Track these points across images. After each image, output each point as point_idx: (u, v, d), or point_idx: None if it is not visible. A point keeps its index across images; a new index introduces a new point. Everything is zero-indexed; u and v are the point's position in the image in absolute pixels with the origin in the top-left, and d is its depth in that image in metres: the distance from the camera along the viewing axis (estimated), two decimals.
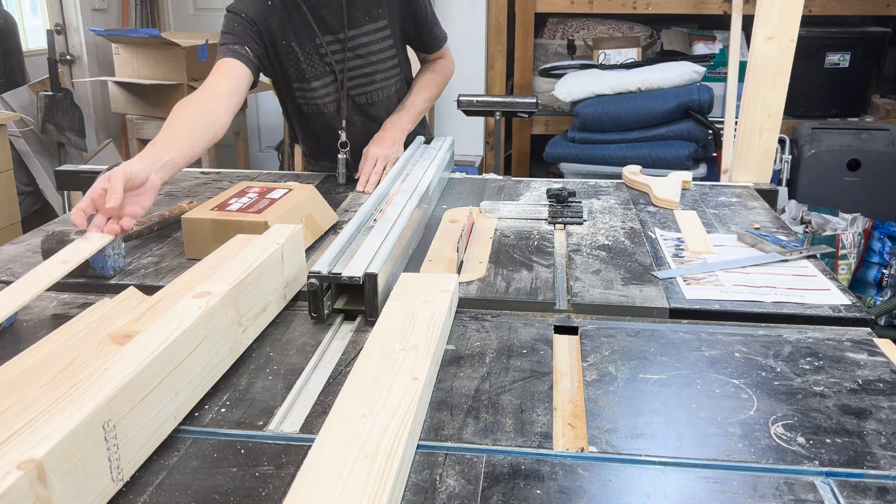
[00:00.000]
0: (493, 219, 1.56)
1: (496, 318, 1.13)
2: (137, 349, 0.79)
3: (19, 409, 0.68)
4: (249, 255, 1.07)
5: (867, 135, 3.64)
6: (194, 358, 0.86)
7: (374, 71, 1.84)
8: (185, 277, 1.01)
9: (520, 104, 2.69)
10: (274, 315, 1.12)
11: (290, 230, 1.18)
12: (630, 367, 0.98)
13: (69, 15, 4.31)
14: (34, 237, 1.45)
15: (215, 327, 0.92)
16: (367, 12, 1.78)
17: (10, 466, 0.60)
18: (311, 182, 1.82)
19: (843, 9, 3.81)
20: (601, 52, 4.00)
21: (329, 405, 0.89)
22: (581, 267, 1.29)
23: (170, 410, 0.82)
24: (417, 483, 0.74)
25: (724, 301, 1.16)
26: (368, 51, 1.81)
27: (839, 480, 0.76)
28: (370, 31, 1.80)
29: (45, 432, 0.64)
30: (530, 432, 0.83)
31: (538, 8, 3.98)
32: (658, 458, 0.79)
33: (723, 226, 1.51)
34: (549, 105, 4.06)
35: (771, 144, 1.81)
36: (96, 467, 0.69)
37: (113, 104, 4.24)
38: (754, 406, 0.89)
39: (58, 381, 0.73)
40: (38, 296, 1.22)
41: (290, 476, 0.75)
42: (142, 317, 0.88)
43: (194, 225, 1.32)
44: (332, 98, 1.84)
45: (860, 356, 1.01)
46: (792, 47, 1.73)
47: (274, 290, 1.11)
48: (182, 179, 1.88)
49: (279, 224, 1.22)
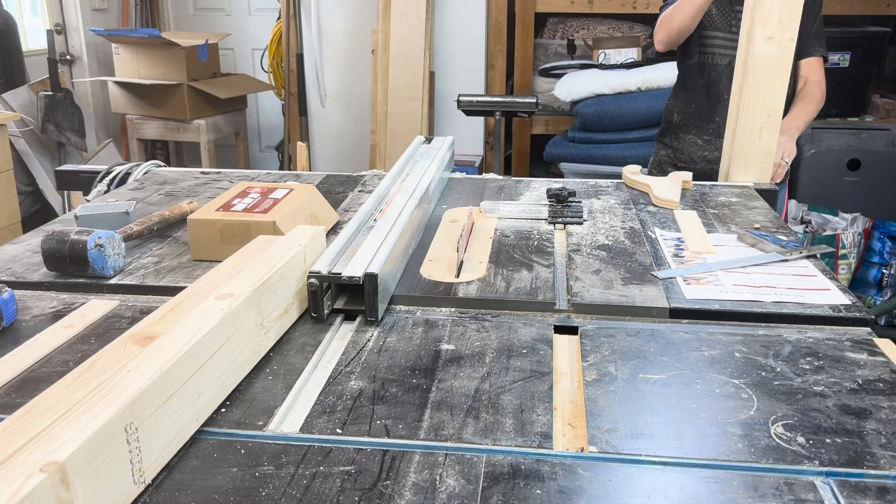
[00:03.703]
0: (493, 219, 1.56)
1: (496, 318, 1.13)
2: (160, 351, 0.79)
3: (41, 411, 0.68)
4: (272, 257, 1.07)
5: (867, 135, 3.64)
6: (217, 360, 0.86)
7: None
8: (208, 278, 1.00)
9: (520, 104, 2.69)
10: (295, 318, 1.11)
11: (312, 232, 1.18)
12: (630, 367, 0.98)
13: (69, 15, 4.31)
14: (34, 237, 1.45)
15: (238, 329, 0.92)
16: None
17: (33, 469, 0.60)
18: (311, 182, 1.82)
19: (843, 9, 3.81)
20: (601, 51, 4.00)
21: (329, 405, 0.89)
22: (581, 267, 1.29)
23: (192, 413, 0.82)
24: (417, 483, 0.74)
25: (724, 301, 1.16)
26: None
27: (839, 480, 0.76)
28: None
29: (68, 435, 0.64)
30: (530, 432, 0.83)
31: (538, 8, 3.98)
32: (658, 458, 0.79)
33: (723, 226, 1.51)
34: (549, 105, 4.06)
35: (771, 144, 1.81)
36: (118, 470, 0.69)
37: (113, 104, 4.24)
38: (754, 406, 0.89)
39: (80, 383, 0.73)
40: (38, 295, 1.22)
41: (290, 476, 0.75)
42: (164, 318, 0.88)
43: (201, 226, 1.32)
44: (728, 54, 1.96)
45: (860, 356, 1.01)
46: (792, 47, 1.73)
47: (296, 293, 1.11)
48: (182, 179, 1.89)
49: (286, 224, 1.22)
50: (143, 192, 1.77)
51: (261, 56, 4.68)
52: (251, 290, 0.96)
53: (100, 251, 1.23)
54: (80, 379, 0.74)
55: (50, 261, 1.25)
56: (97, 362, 0.77)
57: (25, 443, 0.63)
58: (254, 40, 4.90)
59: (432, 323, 1.11)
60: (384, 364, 0.98)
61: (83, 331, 1.09)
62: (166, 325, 0.86)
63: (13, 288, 1.15)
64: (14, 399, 0.90)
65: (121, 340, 0.82)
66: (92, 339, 1.06)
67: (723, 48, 2.09)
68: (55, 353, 1.02)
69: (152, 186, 1.82)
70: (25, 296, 1.21)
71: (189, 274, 1.27)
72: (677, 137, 2.20)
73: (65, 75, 4.21)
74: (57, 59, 3.85)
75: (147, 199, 1.70)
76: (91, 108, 4.36)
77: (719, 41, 2.07)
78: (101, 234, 1.25)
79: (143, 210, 1.60)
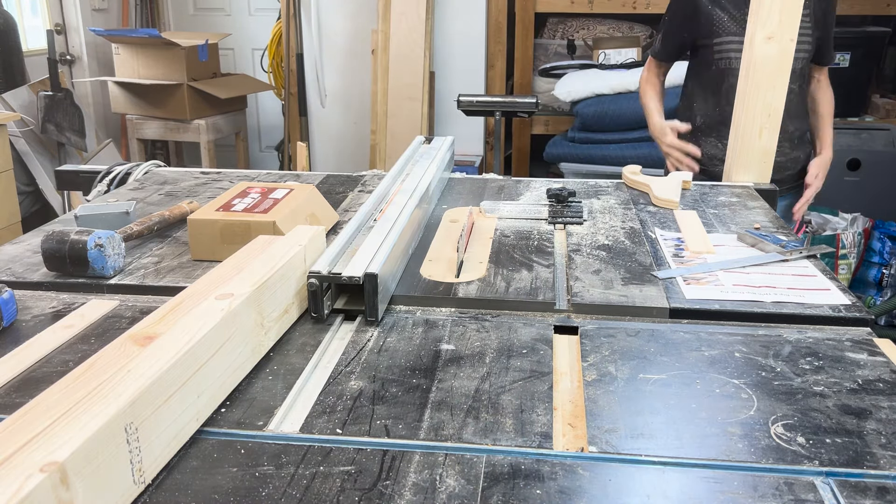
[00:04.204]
0: (493, 219, 1.56)
1: (496, 318, 1.13)
2: (160, 351, 0.79)
3: (41, 411, 0.68)
4: (272, 257, 1.07)
5: (867, 135, 3.64)
6: (217, 360, 0.86)
7: None
8: (208, 278, 1.01)
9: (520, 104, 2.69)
10: (295, 318, 1.11)
11: (312, 232, 1.18)
12: (630, 367, 0.98)
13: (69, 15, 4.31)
14: (34, 237, 1.45)
15: (238, 329, 0.92)
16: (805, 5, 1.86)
17: (33, 469, 0.60)
18: (311, 182, 1.82)
19: (843, 9, 3.80)
20: (601, 51, 4.00)
21: (329, 405, 0.89)
22: (581, 267, 1.29)
23: (192, 413, 0.82)
24: (417, 483, 0.74)
25: (724, 301, 1.16)
26: None
27: (839, 480, 0.76)
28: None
29: (68, 435, 0.64)
30: (530, 432, 0.83)
31: (538, 8, 3.98)
32: (658, 458, 0.79)
33: (723, 226, 1.51)
34: (549, 105, 4.06)
35: (771, 144, 1.81)
36: (118, 470, 0.69)
37: (113, 104, 4.24)
38: (754, 406, 0.89)
39: (80, 383, 0.73)
40: (38, 295, 1.22)
41: (290, 476, 0.76)
42: (164, 318, 0.88)
43: (201, 226, 1.32)
44: None
45: (860, 356, 1.01)
46: (792, 47, 1.73)
47: (296, 293, 1.11)
48: (182, 179, 1.89)
49: (286, 224, 1.22)
50: (143, 192, 1.77)
51: (261, 56, 4.69)
52: (251, 290, 0.96)
53: (100, 251, 1.23)
54: (80, 379, 0.74)
55: (50, 261, 1.25)
56: (97, 362, 0.77)
57: (25, 443, 0.63)
58: (254, 40, 4.90)
59: (432, 323, 1.11)
60: (384, 364, 0.99)
61: (83, 331, 1.09)
62: (166, 325, 0.86)
63: (13, 288, 1.15)
64: (14, 399, 0.90)
65: (121, 340, 0.82)
66: (92, 339, 1.06)
67: (738, 52, 2.10)
68: (55, 353, 1.02)
69: (152, 186, 1.82)
70: (25, 296, 1.21)
71: (189, 274, 1.27)
72: (698, 141, 2.20)
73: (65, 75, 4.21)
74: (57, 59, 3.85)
75: (147, 199, 1.70)
76: (91, 108, 4.36)
77: (735, 45, 2.09)
78: (101, 234, 1.25)
79: (143, 210, 1.60)
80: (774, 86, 1.76)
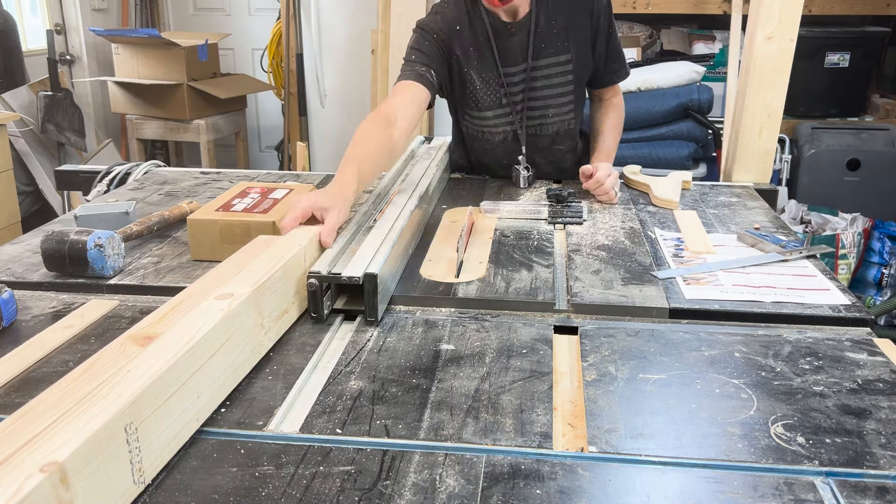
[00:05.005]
0: (493, 219, 1.56)
1: (496, 318, 1.13)
2: (160, 351, 0.79)
3: (41, 411, 0.68)
4: (272, 257, 1.07)
5: (867, 135, 3.64)
6: (217, 360, 0.86)
7: (546, 106, 1.79)
8: (208, 278, 1.01)
9: None
10: (295, 318, 1.11)
11: (312, 232, 1.18)
12: (630, 367, 0.98)
13: (69, 15, 4.31)
14: (34, 237, 1.45)
15: (238, 329, 0.92)
16: (553, 45, 1.72)
17: (33, 469, 0.60)
18: (311, 182, 1.82)
19: (843, 9, 3.81)
20: None
21: (329, 405, 0.89)
22: (581, 267, 1.29)
23: (192, 413, 0.82)
24: (417, 483, 0.74)
25: (724, 301, 1.16)
26: (545, 84, 1.76)
27: (839, 480, 0.76)
28: (552, 65, 1.74)
29: (68, 435, 0.64)
30: (530, 432, 0.83)
31: None
32: (658, 458, 0.79)
33: (723, 226, 1.51)
34: None
35: (770, 144, 1.81)
36: (118, 470, 0.69)
37: (113, 104, 4.24)
38: (754, 406, 0.89)
39: (80, 383, 0.73)
40: (38, 295, 1.22)
41: (289, 476, 0.75)
42: (164, 318, 0.88)
43: (201, 226, 1.32)
44: (501, 129, 1.81)
45: (860, 356, 1.01)
46: (792, 47, 1.73)
47: (296, 293, 1.11)
48: (181, 179, 1.89)
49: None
50: (143, 192, 1.77)
51: (261, 56, 4.68)
52: (251, 291, 0.96)
53: (99, 251, 1.23)
54: (80, 379, 0.74)
55: (50, 261, 1.25)
56: (97, 362, 0.77)
57: (25, 443, 0.63)
58: (254, 40, 4.90)
59: (432, 323, 1.11)
60: (384, 364, 0.98)
61: (83, 331, 1.09)
62: (166, 325, 0.86)
63: (13, 288, 1.15)
64: (14, 399, 0.90)
65: (121, 340, 0.82)
66: (92, 339, 1.06)
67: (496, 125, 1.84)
68: (55, 353, 1.02)
69: (152, 186, 1.82)
70: (25, 296, 1.21)
71: (189, 274, 1.27)
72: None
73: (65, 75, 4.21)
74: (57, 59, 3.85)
75: (147, 199, 1.70)
76: (91, 108, 4.36)
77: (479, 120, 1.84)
78: (101, 234, 1.25)
79: (142, 210, 1.60)
80: (774, 86, 1.77)
